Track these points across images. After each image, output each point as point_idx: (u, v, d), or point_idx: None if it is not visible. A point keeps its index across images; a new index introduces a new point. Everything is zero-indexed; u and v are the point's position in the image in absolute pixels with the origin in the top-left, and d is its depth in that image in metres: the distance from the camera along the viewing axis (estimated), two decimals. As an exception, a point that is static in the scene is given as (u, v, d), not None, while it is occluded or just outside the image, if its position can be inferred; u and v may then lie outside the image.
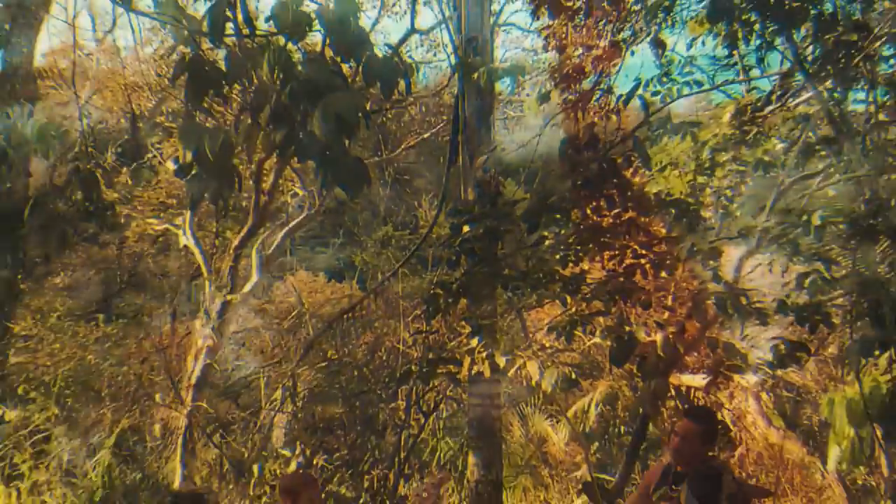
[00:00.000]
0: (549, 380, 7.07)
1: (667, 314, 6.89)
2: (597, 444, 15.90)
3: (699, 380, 14.88)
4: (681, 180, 9.31)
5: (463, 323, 8.17)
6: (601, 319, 7.37)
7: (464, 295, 7.95)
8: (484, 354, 7.37)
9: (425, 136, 20.09)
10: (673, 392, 9.64)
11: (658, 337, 6.92)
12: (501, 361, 7.32)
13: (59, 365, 15.28)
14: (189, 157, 6.82)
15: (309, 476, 9.48)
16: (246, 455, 12.33)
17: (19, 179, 12.53)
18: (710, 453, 7.07)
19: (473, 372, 7.98)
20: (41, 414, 11.78)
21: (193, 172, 7.11)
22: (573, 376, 12.13)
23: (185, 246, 16.54)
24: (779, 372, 12.09)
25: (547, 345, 7.37)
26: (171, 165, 11.36)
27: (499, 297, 8.42)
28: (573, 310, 7.27)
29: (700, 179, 9.40)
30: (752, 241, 6.49)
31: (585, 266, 8.16)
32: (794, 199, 7.49)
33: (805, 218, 5.92)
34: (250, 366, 17.77)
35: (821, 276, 6.07)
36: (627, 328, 6.86)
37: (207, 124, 6.98)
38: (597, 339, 7.52)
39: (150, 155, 16.97)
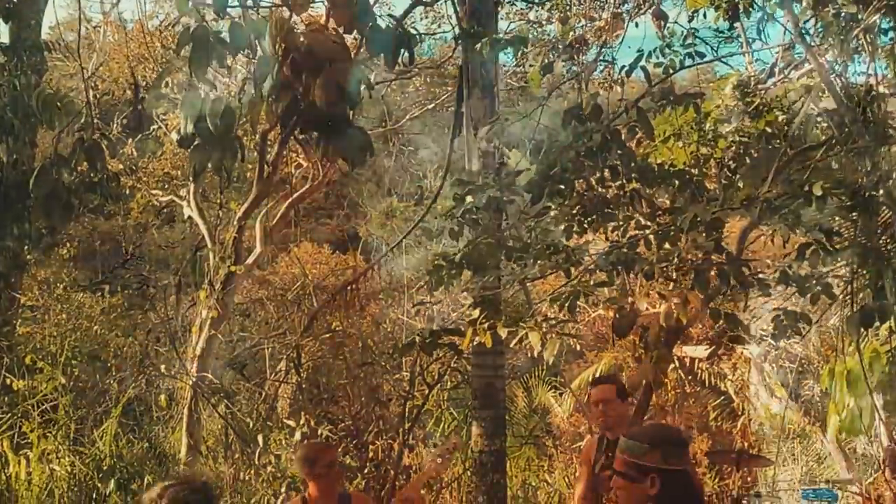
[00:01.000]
0: (551, 350, 7.08)
1: (670, 285, 6.90)
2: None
3: (702, 351, 14.94)
4: (684, 151, 9.32)
5: (465, 295, 8.18)
6: (604, 291, 7.39)
7: (466, 266, 7.95)
8: (486, 326, 7.38)
9: (430, 106, 20.08)
10: (676, 363, 9.66)
11: (662, 307, 6.92)
12: (503, 333, 7.33)
13: (65, 335, 15.33)
14: (191, 127, 6.83)
15: (326, 443, 9.52)
16: (251, 425, 12.38)
17: (25, 150, 12.55)
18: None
19: (475, 343, 8.00)
20: (48, 384, 11.81)
21: (196, 143, 7.13)
22: (578, 347, 12.15)
23: (190, 217, 16.56)
24: (781, 343, 12.12)
25: (551, 315, 7.36)
26: (175, 136, 11.41)
27: (502, 268, 8.43)
28: (576, 281, 7.27)
29: (703, 150, 9.41)
30: (754, 212, 6.48)
31: (590, 236, 8.17)
32: (796, 171, 7.48)
33: (806, 189, 5.92)
34: (255, 337, 17.84)
35: (822, 248, 6.07)
36: (630, 299, 6.87)
37: (210, 96, 6.98)
38: (601, 311, 7.52)
39: (154, 126, 16.97)
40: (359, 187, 25.06)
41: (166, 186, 17.77)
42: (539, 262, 7.32)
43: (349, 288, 12.63)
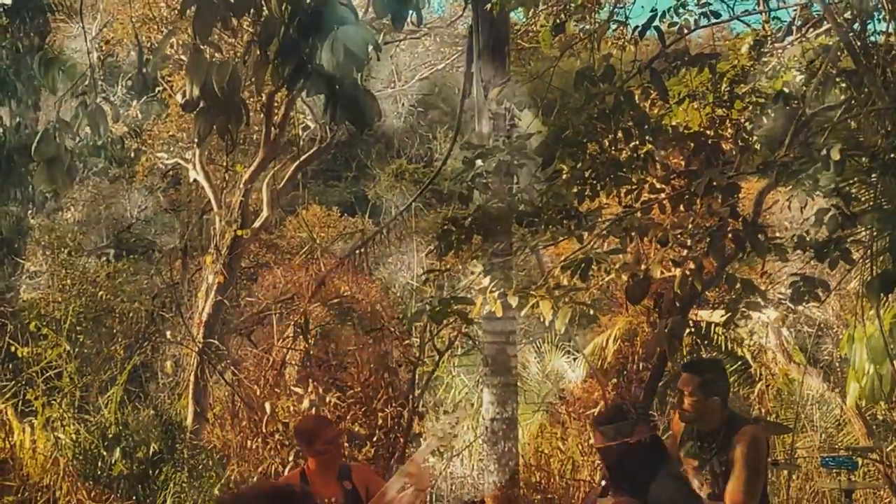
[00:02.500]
0: (562, 319, 7.08)
1: (685, 252, 6.87)
2: (615, 380, 15.97)
3: (718, 315, 14.92)
4: (699, 113, 9.27)
5: (475, 262, 8.16)
6: (618, 257, 7.38)
7: (477, 231, 7.94)
8: (496, 294, 7.37)
9: (439, 67, 20.02)
10: (691, 326, 9.63)
11: (677, 272, 6.90)
12: (514, 301, 7.32)
13: (70, 301, 15.38)
14: (196, 91, 6.81)
15: (324, 418, 9.54)
16: (258, 392, 12.42)
17: (28, 113, 12.56)
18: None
19: (485, 312, 8.00)
20: (53, 350, 11.87)
21: (201, 107, 7.11)
22: (591, 312, 12.17)
23: (195, 180, 16.59)
24: (799, 307, 12.10)
25: (564, 282, 7.35)
26: (180, 99, 11.35)
27: (513, 233, 8.42)
28: (589, 247, 7.27)
29: (719, 112, 9.36)
30: (771, 176, 6.45)
31: (604, 198, 8.15)
32: (813, 133, 7.44)
33: (824, 152, 5.88)
34: (262, 302, 17.86)
35: (840, 213, 6.04)
36: (643, 266, 6.85)
37: (215, 58, 6.94)
38: (613, 275, 7.49)
39: (159, 88, 16.96)
40: (368, 149, 25.03)
41: (171, 149, 17.77)
42: (551, 228, 7.31)
43: (358, 252, 12.64)
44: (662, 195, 7.48)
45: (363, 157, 25.08)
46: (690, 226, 6.34)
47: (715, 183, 6.23)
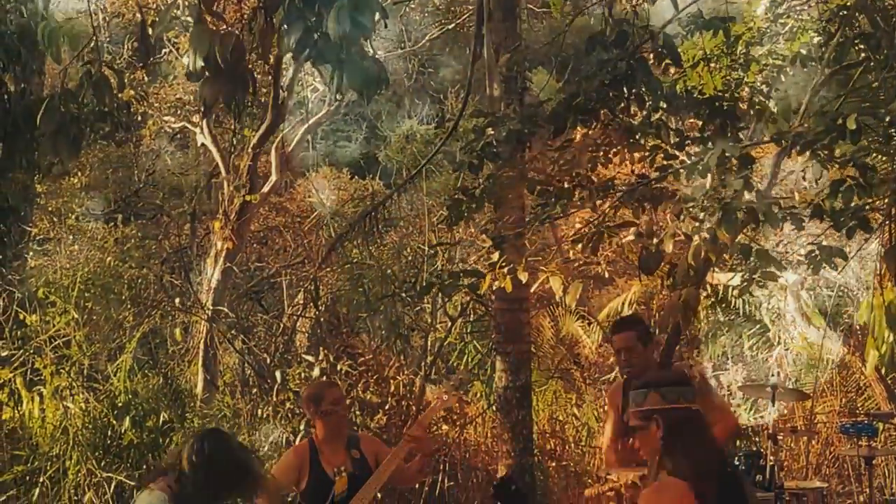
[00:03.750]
0: (573, 295, 7.12)
1: (697, 224, 6.86)
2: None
3: (736, 278, 14.90)
4: (715, 76, 9.24)
5: (484, 237, 8.19)
6: (629, 231, 7.38)
7: (487, 200, 7.96)
8: (506, 270, 7.40)
9: (450, 26, 19.92)
10: (709, 289, 9.63)
11: (695, 239, 6.88)
12: (524, 277, 7.34)
13: (78, 268, 15.40)
14: (199, 63, 6.82)
15: (330, 381, 9.61)
16: (268, 360, 12.48)
17: (33, 79, 12.54)
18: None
19: (495, 287, 8.02)
20: (61, 318, 11.89)
21: (206, 77, 7.12)
22: (606, 275, 12.12)
23: (203, 144, 16.58)
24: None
25: (572, 256, 7.37)
26: (186, 61, 11.33)
27: (527, 202, 8.43)
28: (601, 219, 7.28)
29: (734, 75, 9.33)
30: (786, 147, 6.42)
31: (617, 161, 8.15)
32: (830, 100, 7.39)
33: (840, 122, 5.86)
34: (272, 267, 17.90)
35: (856, 184, 6.01)
36: (656, 240, 6.85)
37: (221, 28, 6.95)
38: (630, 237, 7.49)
39: (166, 50, 16.92)
40: (378, 109, 24.94)
41: (178, 112, 17.74)
42: (561, 202, 7.31)
43: (368, 217, 12.64)
44: (676, 161, 7.48)
45: (373, 117, 25.02)
46: (704, 199, 6.32)
47: (728, 154, 6.22)
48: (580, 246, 7.07)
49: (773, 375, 14.97)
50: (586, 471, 12.71)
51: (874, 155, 7.86)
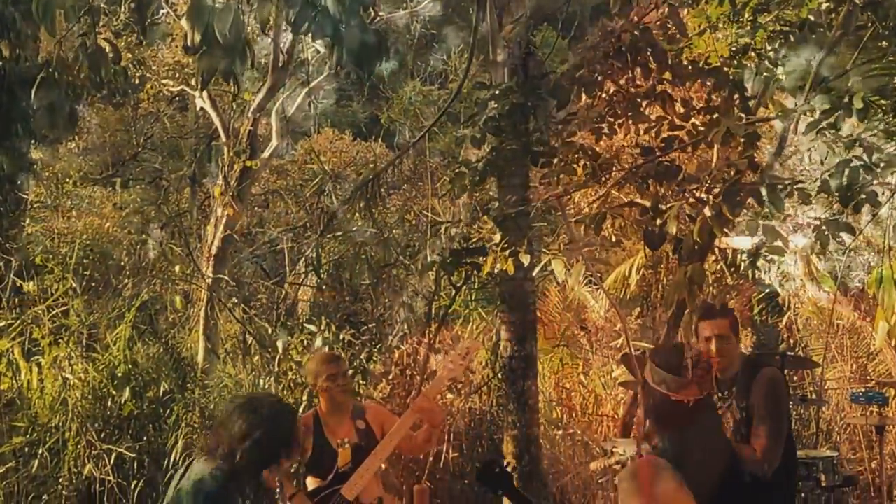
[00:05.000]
0: (576, 276, 7.16)
1: (701, 203, 6.87)
2: (639, 308, 15.98)
3: (746, 241, 14.88)
4: (722, 44, 9.23)
5: (485, 218, 8.21)
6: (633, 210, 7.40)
7: (490, 173, 7.98)
8: (507, 252, 7.43)
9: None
10: (717, 253, 9.63)
11: (702, 213, 6.89)
12: (526, 259, 7.38)
13: (76, 234, 15.45)
14: (197, 37, 6.86)
15: (331, 354, 9.67)
16: (270, 330, 12.51)
17: (28, 45, 12.51)
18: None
19: (496, 270, 8.03)
20: (59, 285, 11.91)
21: (203, 50, 7.15)
22: (614, 238, 12.12)
23: (202, 108, 16.56)
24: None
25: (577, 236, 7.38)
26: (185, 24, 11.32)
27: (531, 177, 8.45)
28: (605, 198, 7.31)
29: (742, 41, 9.31)
30: (790, 122, 6.45)
31: (621, 136, 8.16)
32: (836, 76, 7.39)
33: (846, 100, 5.87)
34: (272, 231, 17.93)
35: (863, 165, 6.04)
36: (659, 221, 6.87)
37: (218, 3, 6.97)
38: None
39: (163, 11, 16.87)
40: (379, 70, 24.83)
41: (177, 75, 17.72)
42: (563, 176, 7.33)
43: (370, 184, 12.63)
44: (682, 132, 7.50)
45: (375, 79, 24.90)
46: (707, 179, 6.35)
47: (733, 132, 6.24)
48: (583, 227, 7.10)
49: (782, 341, 15.01)
50: (593, 438, 12.75)
51: (880, 136, 7.86)
